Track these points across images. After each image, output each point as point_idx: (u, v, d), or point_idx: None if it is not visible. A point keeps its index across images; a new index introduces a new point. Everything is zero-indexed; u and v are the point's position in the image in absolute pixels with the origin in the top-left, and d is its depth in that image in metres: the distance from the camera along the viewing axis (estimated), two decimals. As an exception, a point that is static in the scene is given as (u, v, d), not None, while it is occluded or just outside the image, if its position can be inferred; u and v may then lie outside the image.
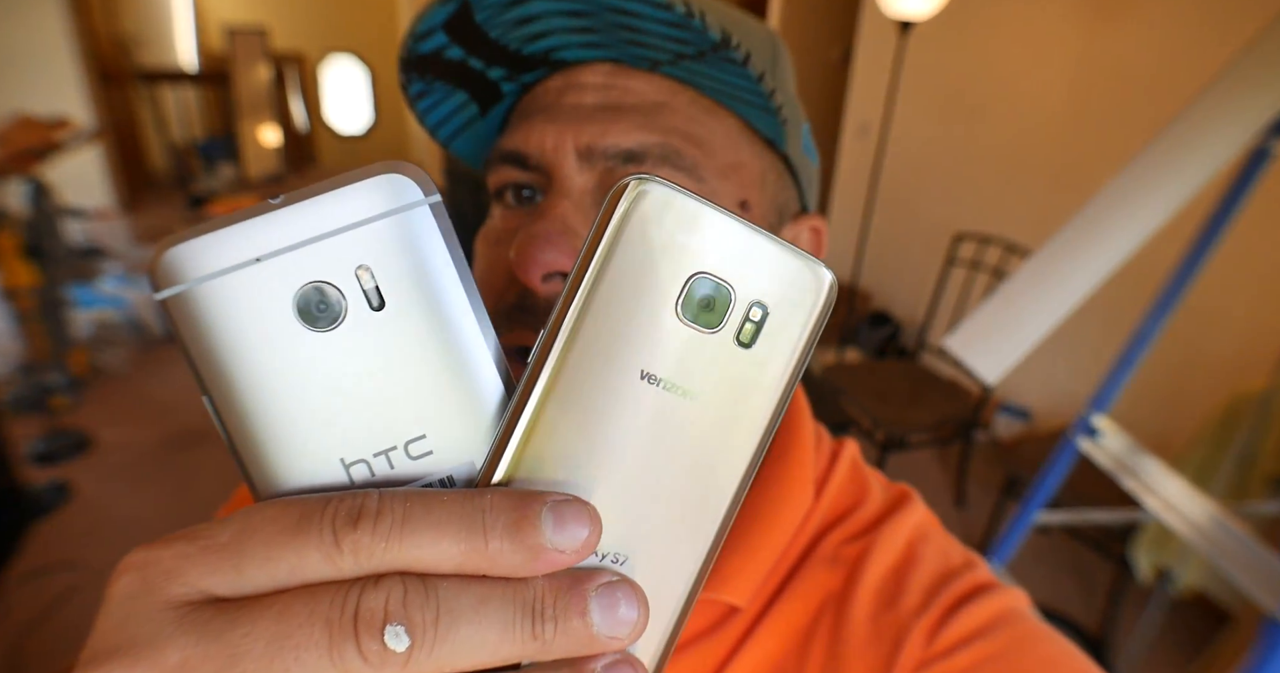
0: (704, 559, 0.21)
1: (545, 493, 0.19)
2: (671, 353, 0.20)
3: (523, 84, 0.43)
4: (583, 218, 0.38)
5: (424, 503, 0.18)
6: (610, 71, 0.39)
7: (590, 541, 0.19)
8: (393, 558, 0.17)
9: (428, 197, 0.20)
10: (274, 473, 0.20)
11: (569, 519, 0.18)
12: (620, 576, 0.19)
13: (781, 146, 0.42)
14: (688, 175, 0.38)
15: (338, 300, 0.19)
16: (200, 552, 0.18)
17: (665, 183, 0.20)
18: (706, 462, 0.21)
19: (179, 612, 0.17)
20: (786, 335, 0.21)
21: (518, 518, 0.18)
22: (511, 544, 0.18)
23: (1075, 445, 1.34)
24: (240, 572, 0.17)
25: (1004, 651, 0.38)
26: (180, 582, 0.17)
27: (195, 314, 0.19)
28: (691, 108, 0.39)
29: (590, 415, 0.20)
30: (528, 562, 0.18)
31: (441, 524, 0.18)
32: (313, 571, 0.17)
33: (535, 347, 0.20)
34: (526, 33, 0.39)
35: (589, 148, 0.38)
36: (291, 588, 0.18)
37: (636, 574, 0.20)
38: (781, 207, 0.44)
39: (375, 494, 0.18)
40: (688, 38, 0.35)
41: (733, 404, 0.20)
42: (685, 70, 0.38)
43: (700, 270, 0.20)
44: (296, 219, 0.19)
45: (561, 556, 0.18)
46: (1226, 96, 1.02)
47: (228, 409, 0.19)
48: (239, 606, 0.17)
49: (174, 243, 0.19)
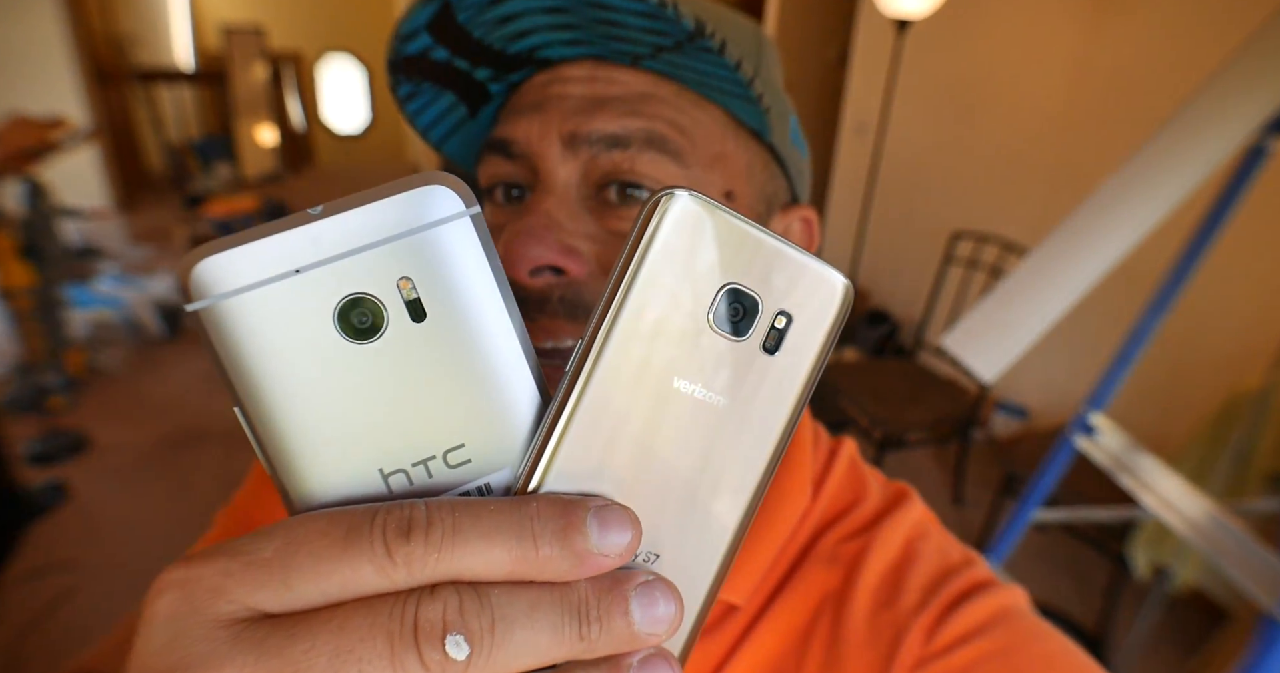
0: (726, 555, 0.22)
1: (588, 499, 0.19)
2: (704, 361, 0.21)
3: (510, 84, 0.43)
4: (567, 211, 0.38)
5: (472, 513, 0.18)
6: (594, 67, 0.40)
7: (632, 544, 0.19)
8: (445, 568, 0.18)
9: (469, 208, 0.20)
10: (311, 485, 0.20)
11: (612, 524, 0.19)
12: (655, 574, 0.20)
13: (766, 137, 0.42)
14: (673, 161, 0.38)
15: (379, 312, 0.19)
16: (244, 568, 0.17)
17: (699, 196, 0.20)
18: (731, 462, 0.21)
19: (231, 630, 0.17)
20: (807, 341, 0.22)
21: (564, 525, 0.19)
22: (560, 550, 0.18)
23: (1072, 443, 1.34)
24: (290, 587, 0.17)
25: (1003, 648, 0.38)
26: (227, 599, 0.17)
27: (232, 326, 0.19)
28: (677, 99, 0.39)
29: (626, 421, 0.20)
30: (575, 567, 0.18)
31: (491, 533, 0.18)
32: (366, 583, 0.17)
33: (573, 355, 0.21)
34: (509, 32, 0.39)
35: (573, 135, 0.38)
36: (345, 601, 0.18)
37: (666, 571, 0.21)
38: (770, 197, 0.44)
39: (422, 505, 0.18)
40: (663, 28, 0.36)
41: (756, 407, 0.21)
42: (666, 63, 0.38)
43: (731, 281, 0.21)
44: (337, 230, 0.19)
45: (606, 559, 0.19)
46: (1223, 95, 1.02)
47: (262, 421, 0.19)
48: (294, 621, 0.17)
49: (208, 253, 0.18)
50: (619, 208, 0.38)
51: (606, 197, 0.39)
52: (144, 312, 3.46)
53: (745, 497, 0.22)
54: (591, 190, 0.39)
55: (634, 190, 0.38)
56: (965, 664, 0.37)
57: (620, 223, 0.38)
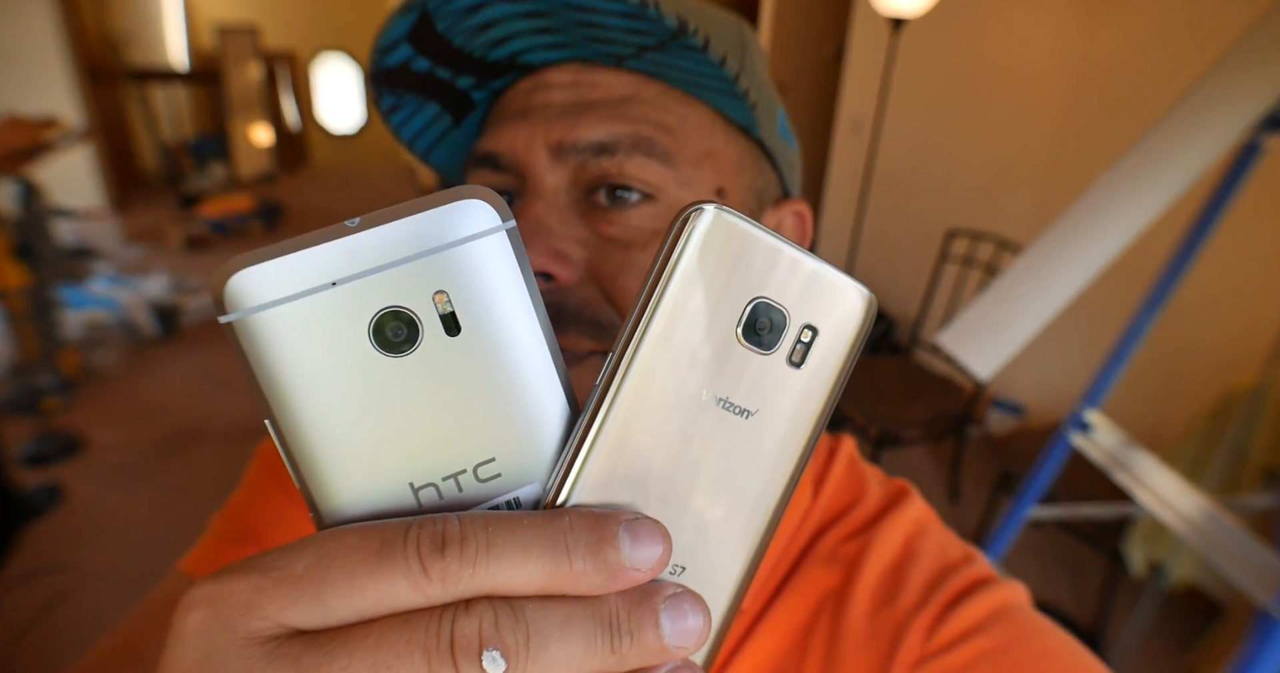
0: (749, 567, 0.22)
1: (619, 513, 0.19)
2: (733, 374, 0.21)
3: (493, 91, 0.43)
4: (557, 216, 0.38)
5: (506, 527, 0.18)
6: (577, 70, 0.39)
7: (664, 558, 0.19)
8: (480, 583, 0.18)
9: (504, 222, 0.20)
10: (342, 498, 0.19)
11: (644, 538, 0.19)
12: (683, 587, 0.20)
13: (755, 132, 0.42)
14: (661, 162, 0.38)
15: (414, 326, 0.19)
16: (276, 584, 0.17)
17: (727, 210, 0.20)
18: (755, 475, 0.21)
19: (265, 647, 0.17)
20: (832, 354, 0.22)
21: (597, 539, 0.19)
22: (593, 565, 0.18)
23: (1068, 440, 1.35)
24: (323, 603, 0.17)
25: (1003, 645, 0.38)
26: (259, 615, 0.17)
27: (266, 338, 0.19)
28: (662, 98, 0.39)
29: (655, 435, 0.20)
30: (607, 581, 0.18)
31: (526, 548, 0.18)
32: (401, 599, 0.17)
33: (603, 369, 0.21)
34: (489, 38, 0.39)
35: (559, 144, 0.38)
36: (380, 617, 0.17)
37: (693, 583, 0.21)
38: (760, 192, 0.44)
39: (455, 519, 0.18)
40: (645, 28, 0.35)
41: (782, 420, 0.21)
42: (650, 63, 0.38)
43: (760, 295, 0.21)
44: (374, 243, 0.19)
45: (638, 573, 0.19)
46: (1216, 92, 1.02)
47: (293, 433, 0.19)
48: (329, 637, 0.17)
49: (243, 265, 0.18)
50: (609, 211, 0.38)
51: (596, 200, 0.38)
52: (139, 312, 3.45)
53: (768, 509, 0.22)
54: (581, 194, 0.39)
55: (623, 192, 0.38)
56: (966, 662, 0.37)
57: (610, 227, 0.38)
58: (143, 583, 0.57)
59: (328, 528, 0.19)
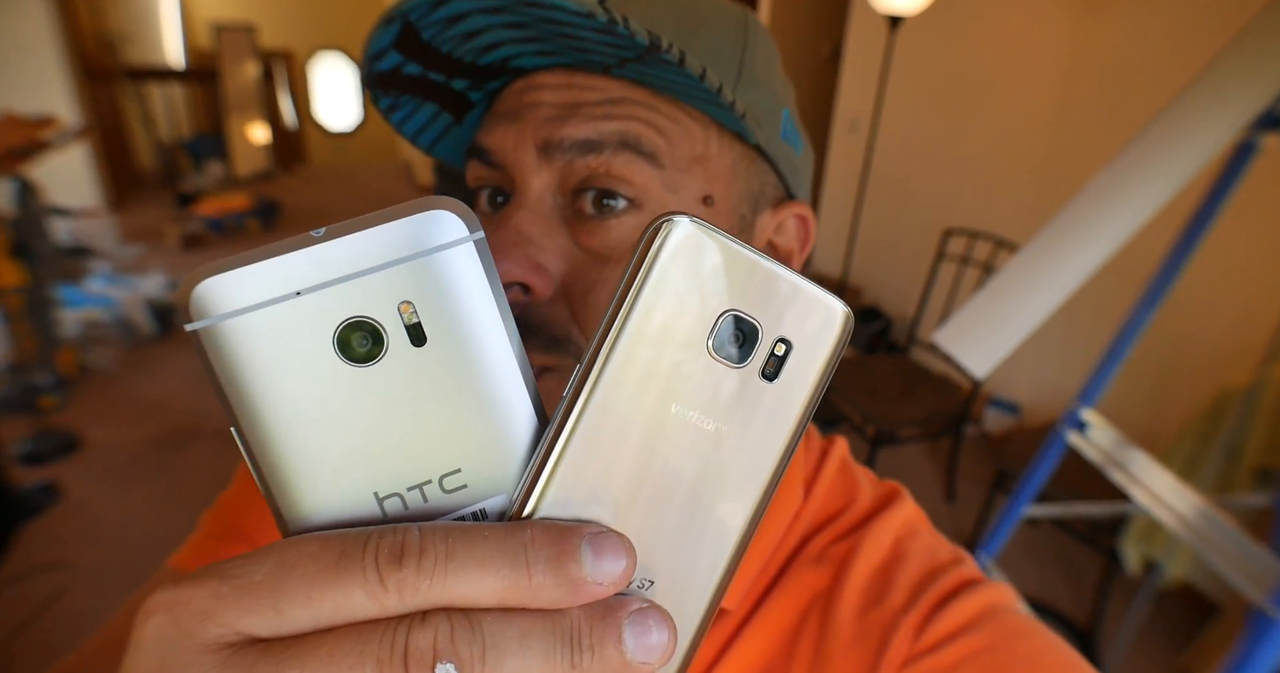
0: (720, 582, 0.22)
1: (582, 526, 0.19)
2: (702, 388, 0.21)
3: (489, 91, 0.43)
4: (541, 225, 0.38)
5: (466, 538, 0.18)
6: (569, 74, 0.39)
7: (627, 572, 0.19)
8: (437, 594, 0.17)
9: (472, 233, 0.20)
10: (305, 507, 0.20)
11: (606, 552, 0.19)
12: (649, 602, 0.20)
13: (749, 139, 0.41)
14: (648, 162, 0.38)
15: (379, 336, 0.19)
16: (234, 591, 0.17)
17: (698, 222, 0.20)
18: (727, 488, 0.21)
19: (220, 654, 0.17)
20: (806, 368, 0.21)
21: (559, 552, 0.18)
22: (554, 578, 0.18)
23: (1064, 439, 1.35)
24: (280, 612, 0.17)
25: (990, 645, 0.38)
26: (216, 623, 0.17)
27: (231, 347, 0.19)
28: (653, 100, 0.39)
29: (623, 448, 0.20)
30: (568, 595, 0.18)
31: (485, 560, 0.18)
32: (357, 609, 0.17)
33: (571, 380, 0.20)
34: (477, 45, 0.39)
35: (546, 142, 0.38)
36: (335, 627, 0.17)
37: (660, 597, 0.21)
38: (756, 196, 0.43)
39: (415, 529, 0.18)
40: (620, 43, 0.35)
41: (754, 434, 0.21)
42: (634, 72, 0.38)
43: (731, 308, 0.21)
44: (339, 253, 0.19)
45: (600, 587, 0.19)
46: (1213, 91, 1.02)
47: (259, 441, 0.19)
48: (284, 646, 0.17)
49: (209, 274, 0.18)
50: (592, 221, 0.38)
51: (582, 207, 0.38)
52: (135, 311, 3.44)
53: (740, 523, 0.22)
54: (567, 199, 0.39)
55: (610, 200, 0.38)
56: (953, 662, 0.37)
57: (592, 238, 0.38)
58: (138, 581, 0.57)
59: (291, 536, 0.19)
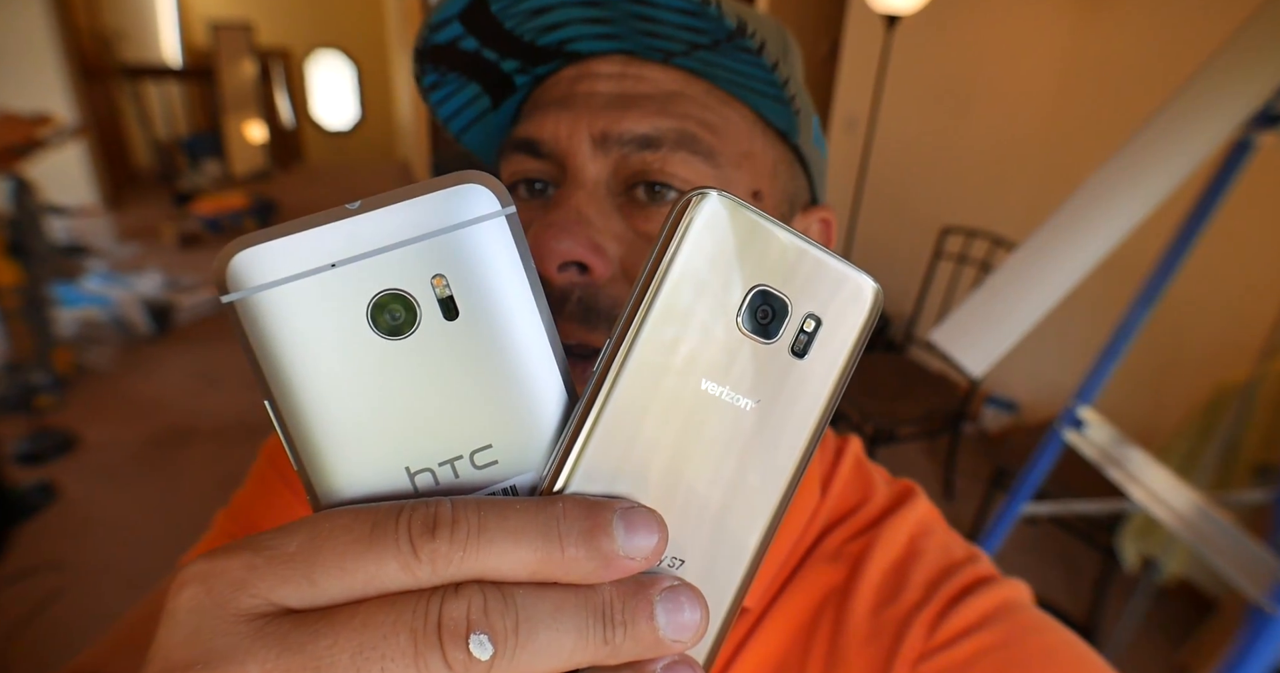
0: (751, 562, 0.22)
1: (614, 500, 0.19)
2: (731, 363, 0.21)
3: (535, 76, 0.43)
4: (597, 208, 0.38)
5: (498, 511, 0.18)
6: (624, 62, 0.39)
7: (659, 547, 0.19)
8: (470, 567, 0.17)
9: (504, 207, 0.20)
10: (338, 480, 0.20)
11: (639, 526, 0.19)
12: (680, 580, 0.20)
13: (794, 138, 0.42)
14: (704, 160, 0.38)
15: (412, 309, 0.19)
16: (268, 563, 0.17)
17: (730, 197, 0.20)
18: (757, 468, 0.21)
19: (254, 625, 0.17)
20: (836, 346, 0.21)
21: (591, 526, 0.18)
22: (586, 551, 0.18)
23: (1061, 437, 1.35)
24: (313, 582, 0.17)
25: (1004, 641, 0.38)
26: (250, 593, 0.17)
27: (266, 319, 0.19)
28: (707, 97, 0.39)
29: (653, 424, 0.20)
30: (600, 569, 0.18)
31: (517, 533, 0.18)
32: (390, 580, 0.17)
33: (600, 356, 0.20)
34: (541, 23, 0.39)
35: (604, 134, 0.38)
36: (368, 598, 0.17)
37: (692, 577, 0.21)
38: (792, 197, 0.44)
39: (448, 503, 0.18)
40: (703, 27, 0.35)
41: (784, 412, 0.21)
42: (699, 61, 0.38)
43: (760, 283, 0.20)
44: (373, 226, 0.19)
45: (632, 562, 0.19)
46: (1209, 89, 1.02)
47: (292, 415, 0.19)
48: (318, 616, 0.17)
49: (245, 246, 0.19)
50: (647, 207, 0.38)
51: (635, 196, 0.38)
52: (132, 310, 3.44)
53: (771, 504, 0.21)
54: (620, 188, 0.39)
55: (663, 188, 0.38)
56: (967, 658, 0.38)
57: (648, 223, 0.38)
58: (136, 580, 0.57)
59: (324, 510, 0.19)
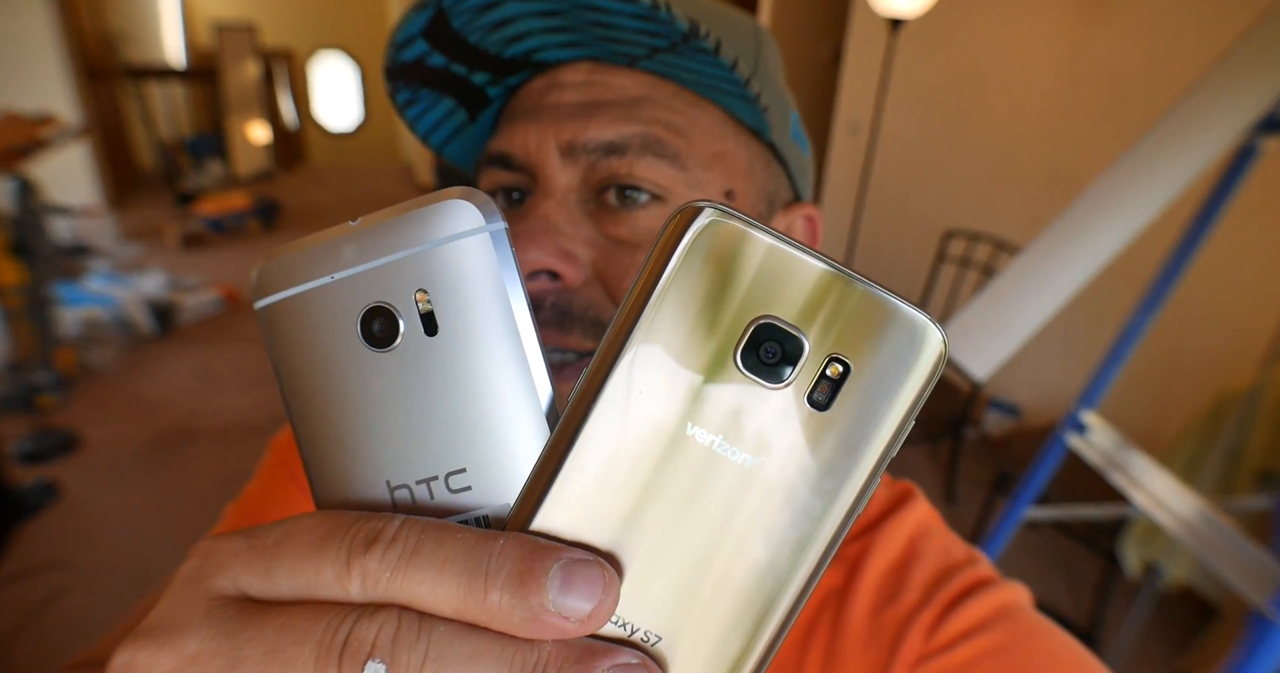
0: (760, 656, 0.18)
1: (562, 548, 0.17)
2: (726, 407, 0.17)
3: (508, 87, 0.43)
4: (566, 215, 0.38)
5: (437, 537, 0.17)
6: (591, 69, 0.40)
7: (598, 613, 0.17)
8: (395, 590, 0.17)
9: (489, 223, 0.20)
10: (329, 485, 0.21)
11: (578, 583, 0.16)
12: (641, 658, 0.17)
13: (766, 135, 0.42)
14: (670, 163, 0.38)
15: (395, 322, 0.20)
16: (247, 550, 0.18)
17: (730, 211, 0.17)
18: (767, 540, 0.18)
19: (213, 604, 0.18)
20: (875, 400, 0.17)
21: (523, 571, 0.16)
22: (512, 599, 0.16)
23: (1064, 441, 1.35)
24: (269, 576, 0.18)
25: (1004, 644, 0.38)
26: (225, 576, 0.18)
27: (278, 324, 0.21)
28: (673, 100, 0.39)
29: (632, 468, 0.18)
30: (528, 624, 0.16)
31: (445, 564, 0.17)
32: (324, 589, 0.17)
33: (577, 385, 0.18)
34: (505, 36, 0.39)
35: (570, 144, 0.38)
36: (304, 602, 0.18)
37: (675, 661, 0.18)
38: (771, 196, 0.44)
39: (399, 520, 0.18)
40: (658, 30, 0.35)
41: (799, 474, 0.18)
42: (662, 64, 0.38)
43: (766, 314, 0.17)
44: (368, 241, 0.20)
45: (564, 623, 0.16)
46: (1213, 94, 1.02)
47: (299, 418, 0.21)
48: (262, 610, 0.18)
49: (274, 256, 0.21)
50: (618, 212, 0.39)
51: (606, 201, 0.39)
52: (135, 310, 3.44)
53: (783, 582, 0.18)
54: (591, 194, 0.39)
55: (633, 193, 0.38)
56: (966, 661, 0.37)
57: (618, 228, 0.38)
58: (138, 580, 0.57)
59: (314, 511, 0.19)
